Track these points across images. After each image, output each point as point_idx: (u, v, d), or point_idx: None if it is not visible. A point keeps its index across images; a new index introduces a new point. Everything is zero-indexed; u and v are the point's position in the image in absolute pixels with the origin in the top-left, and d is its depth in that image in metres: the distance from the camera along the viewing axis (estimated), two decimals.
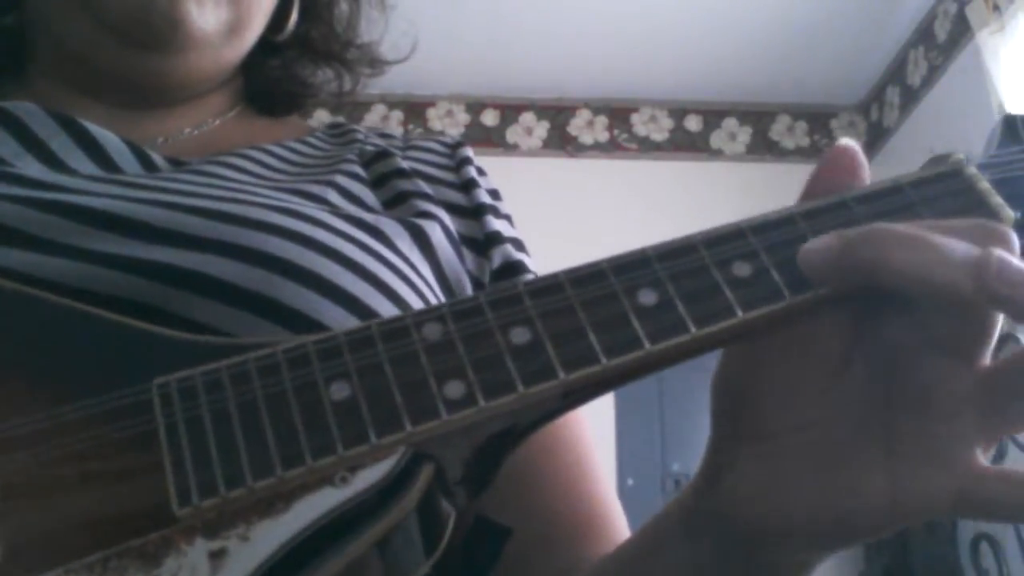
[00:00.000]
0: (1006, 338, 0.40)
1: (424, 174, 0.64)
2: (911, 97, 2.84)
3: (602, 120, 3.19)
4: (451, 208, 0.62)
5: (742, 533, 0.39)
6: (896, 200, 0.39)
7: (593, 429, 0.60)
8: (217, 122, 0.67)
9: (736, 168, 3.15)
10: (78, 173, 0.54)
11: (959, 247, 0.34)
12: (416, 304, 0.52)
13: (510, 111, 3.18)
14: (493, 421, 0.35)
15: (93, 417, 0.35)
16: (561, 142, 3.17)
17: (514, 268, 0.62)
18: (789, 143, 3.18)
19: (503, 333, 0.36)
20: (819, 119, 3.19)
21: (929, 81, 2.73)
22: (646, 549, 0.46)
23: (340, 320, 0.47)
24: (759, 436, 0.39)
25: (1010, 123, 0.44)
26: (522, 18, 2.79)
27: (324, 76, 0.75)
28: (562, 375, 0.35)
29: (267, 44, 0.69)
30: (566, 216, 2.94)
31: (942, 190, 0.39)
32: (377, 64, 0.75)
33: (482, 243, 0.61)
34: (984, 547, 2.10)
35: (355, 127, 0.71)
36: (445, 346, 0.35)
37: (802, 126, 3.19)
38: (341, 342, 0.36)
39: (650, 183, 3.10)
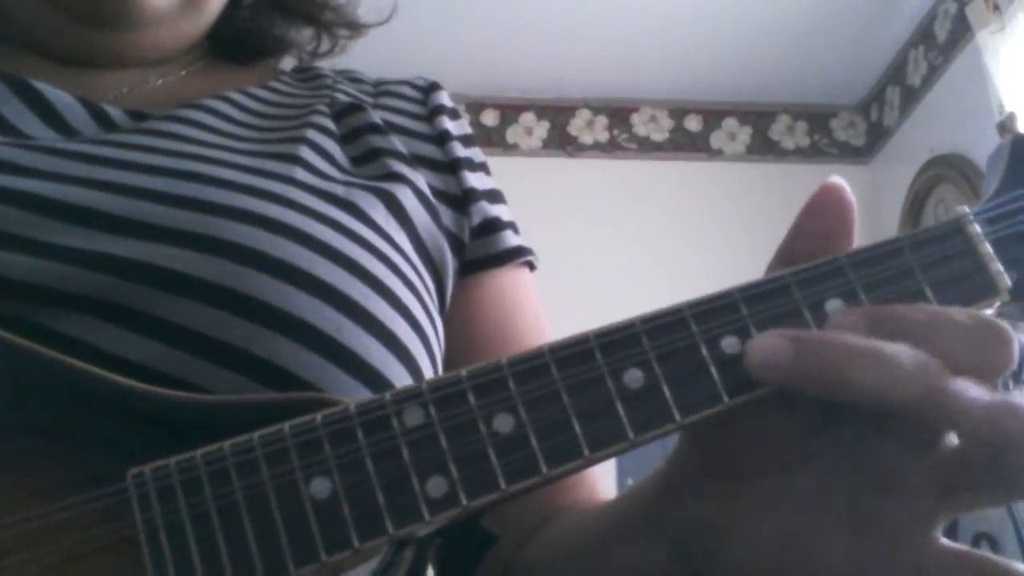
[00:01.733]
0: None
1: (398, 127, 0.63)
2: (911, 97, 2.84)
3: (602, 120, 3.19)
4: (426, 163, 0.61)
5: (704, 560, 0.39)
6: (894, 265, 0.38)
7: None
8: (183, 72, 0.65)
9: (736, 168, 3.14)
10: (33, 143, 0.52)
11: (920, 366, 0.34)
12: (393, 284, 0.51)
13: (510, 111, 3.17)
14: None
15: (70, 520, 0.34)
16: (561, 142, 3.17)
17: (492, 224, 0.61)
18: (789, 143, 3.17)
19: (486, 423, 0.35)
20: (819, 119, 3.19)
21: (929, 81, 2.72)
22: (604, 540, 0.46)
23: (315, 311, 0.46)
24: (727, 474, 0.39)
25: (1018, 148, 0.41)
26: (522, 18, 2.78)
27: (301, 36, 0.73)
28: (545, 470, 0.35)
29: (236, 3, 0.67)
30: (566, 216, 2.94)
31: (942, 253, 0.38)
32: (356, 27, 0.73)
33: (460, 199, 0.61)
34: (984, 547, 2.10)
35: (323, 70, 0.69)
36: (427, 439, 0.35)
37: (802, 126, 3.19)
38: (321, 434, 0.35)
39: (650, 183, 3.10)
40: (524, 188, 3.00)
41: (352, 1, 0.73)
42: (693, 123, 3.19)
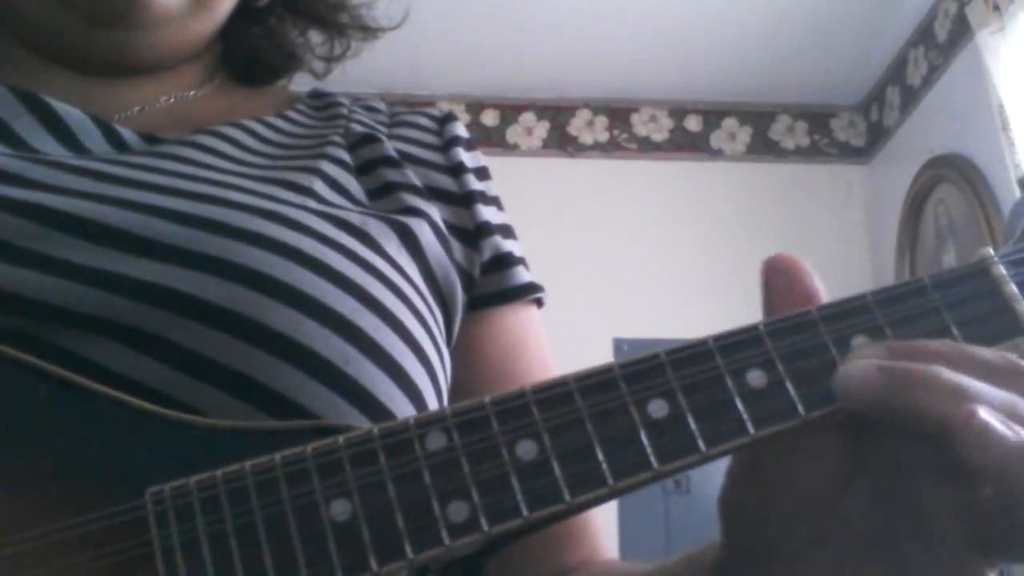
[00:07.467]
0: None
1: (413, 158, 0.62)
2: (911, 97, 2.84)
3: (602, 120, 3.19)
4: (440, 195, 0.60)
5: None
6: (919, 304, 0.39)
7: None
8: (198, 93, 0.64)
9: (736, 168, 3.14)
10: (43, 157, 0.51)
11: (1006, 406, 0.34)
12: (403, 316, 0.50)
13: (510, 111, 3.17)
14: None
15: (87, 537, 0.34)
16: (561, 142, 3.17)
17: (504, 260, 0.61)
18: (789, 143, 3.17)
19: (509, 449, 0.35)
20: (819, 119, 3.19)
21: (929, 81, 2.72)
22: None
23: (324, 341, 0.45)
24: (770, 556, 0.39)
25: None
26: (522, 18, 2.78)
27: (311, 41, 0.72)
28: (568, 497, 0.34)
29: (249, 9, 0.66)
30: (566, 216, 2.94)
31: (967, 293, 0.39)
32: (369, 30, 0.72)
33: (472, 234, 0.60)
34: None
35: (339, 99, 0.68)
36: (449, 463, 0.35)
37: (802, 126, 3.19)
38: (343, 456, 0.35)
39: (650, 183, 3.10)
40: (524, 188, 3.01)
41: (367, 3, 0.72)
42: (693, 123, 3.19)
